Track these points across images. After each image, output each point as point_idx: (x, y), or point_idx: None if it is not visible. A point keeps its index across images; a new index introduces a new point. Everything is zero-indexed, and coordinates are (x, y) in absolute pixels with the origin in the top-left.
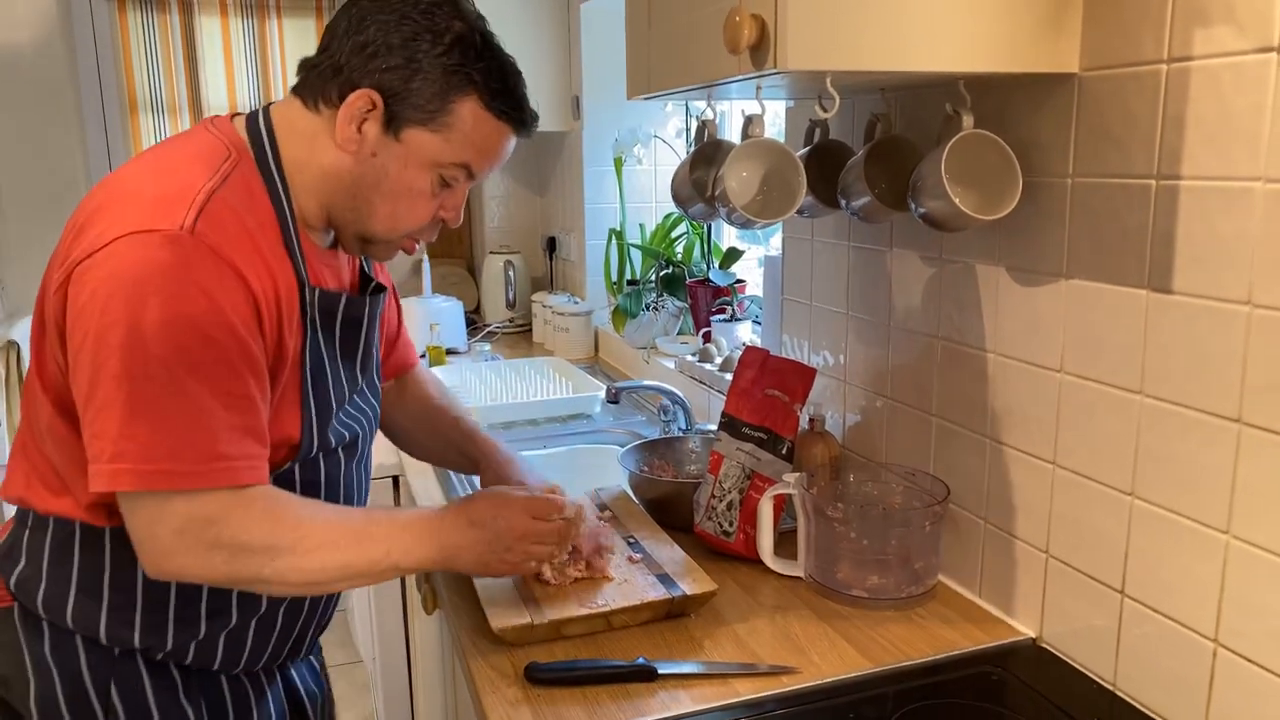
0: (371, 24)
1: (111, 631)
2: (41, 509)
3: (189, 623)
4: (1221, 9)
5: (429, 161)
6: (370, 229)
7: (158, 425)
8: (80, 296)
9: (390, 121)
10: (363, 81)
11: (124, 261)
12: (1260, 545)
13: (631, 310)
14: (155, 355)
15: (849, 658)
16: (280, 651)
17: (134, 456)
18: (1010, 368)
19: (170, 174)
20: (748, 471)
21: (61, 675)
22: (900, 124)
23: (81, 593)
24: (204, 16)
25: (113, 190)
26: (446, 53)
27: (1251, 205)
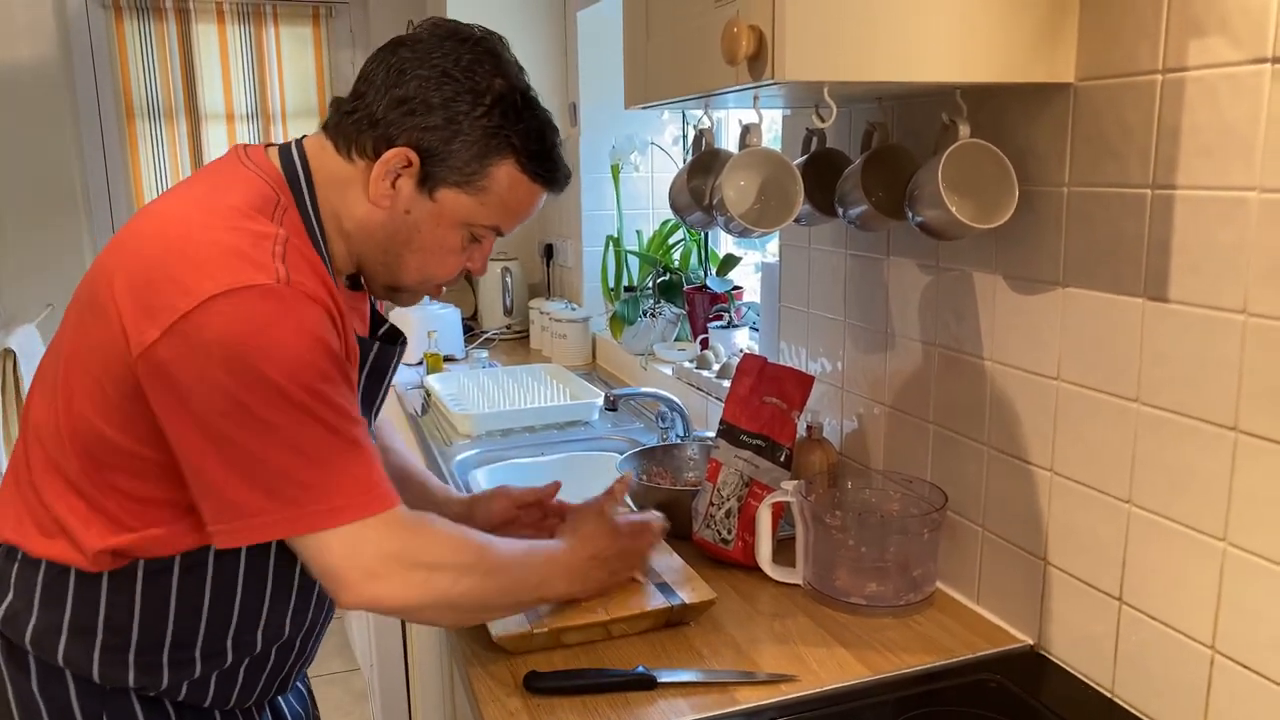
0: (412, 79)
1: (104, 671)
2: (35, 553)
3: (183, 664)
4: (1216, 20)
5: (461, 221)
6: (400, 280)
7: (323, 465)
8: (183, 361)
9: (425, 180)
10: (399, 138)
11: (233, 320)
12: (1257, 552)
13: (629, 317)
14: (296, 404)
15: (848, 665)
16: (270, 688)
17: (327, 493)
18: (1007, 375)
19: (237, 220)
20: (746, 479)
21: (50, 712)
22: (897, 133)
23: (74, 632)
24: (201, 24)
25: (176, 240)
26: (487, 114)
27: (1247, 215)
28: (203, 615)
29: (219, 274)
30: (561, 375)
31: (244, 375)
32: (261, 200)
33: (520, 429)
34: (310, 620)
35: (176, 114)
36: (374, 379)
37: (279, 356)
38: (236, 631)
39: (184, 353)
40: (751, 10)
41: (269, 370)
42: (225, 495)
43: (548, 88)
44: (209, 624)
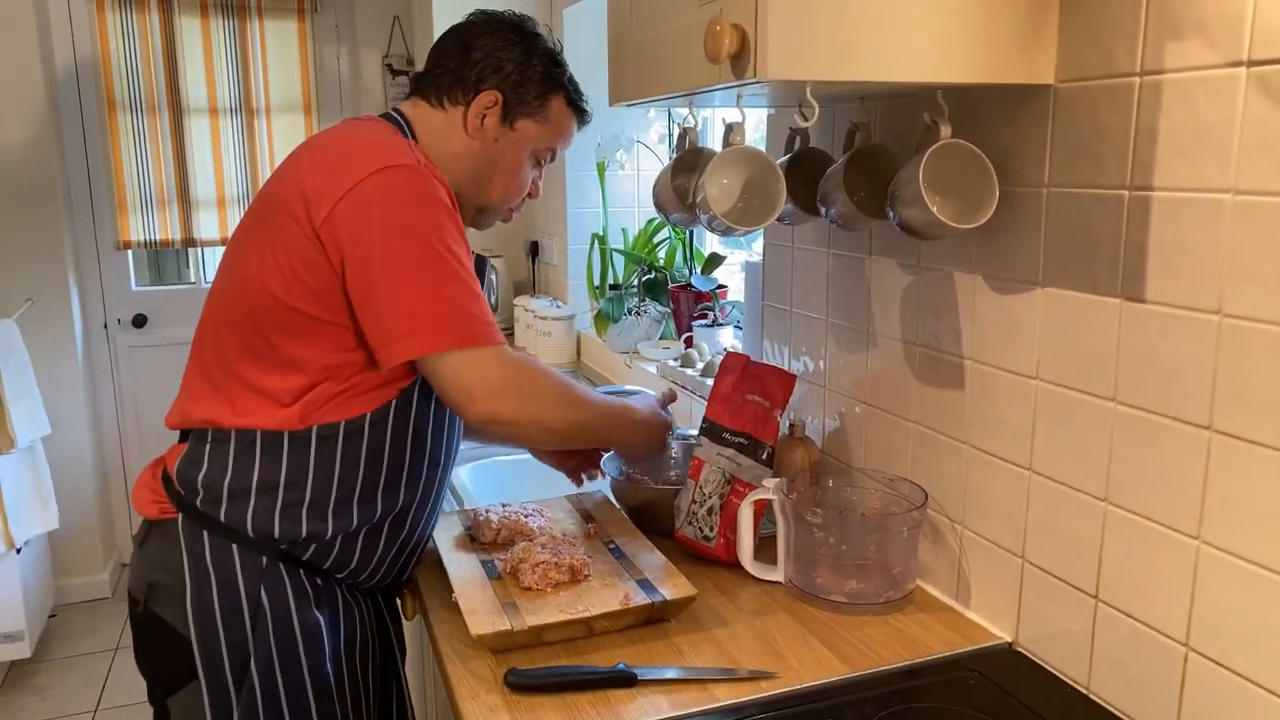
0: (480, 47)
1: (284, 527)
2: (228, 424)
3: (343, 515)
4: (1193, 24)
5: (531, 145)
6: (489, 200)
7: (459, 300)
8: (353, 222)
9: (507, 114)
10: (485, 85)
11: (391, 185)
12: (1229, 550)
13: (614, 315)
14: (438, 249)
15: (827, 662)
16: (396, 563)
17: (462, 321)
18: (987, 374)
19: (377, 135)
20: (728, 477)
21: (219, 581)
22: (879, 133)
23: (260, 491)
24: (184, 17)
25: (343, 147)
26: (541, 64)
27: (1221, 216)
28: (360, 469)
29: (378, 158)
30: None
31: (397, 224)
32: (389, 130)
33: None
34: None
35: (159, 108)
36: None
37: (423, 214)
38: (384, 487)
39: (354, 211)
40: (734, 9)
41: (416, 221)
42: (388, 320)
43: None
44: (364, 477)
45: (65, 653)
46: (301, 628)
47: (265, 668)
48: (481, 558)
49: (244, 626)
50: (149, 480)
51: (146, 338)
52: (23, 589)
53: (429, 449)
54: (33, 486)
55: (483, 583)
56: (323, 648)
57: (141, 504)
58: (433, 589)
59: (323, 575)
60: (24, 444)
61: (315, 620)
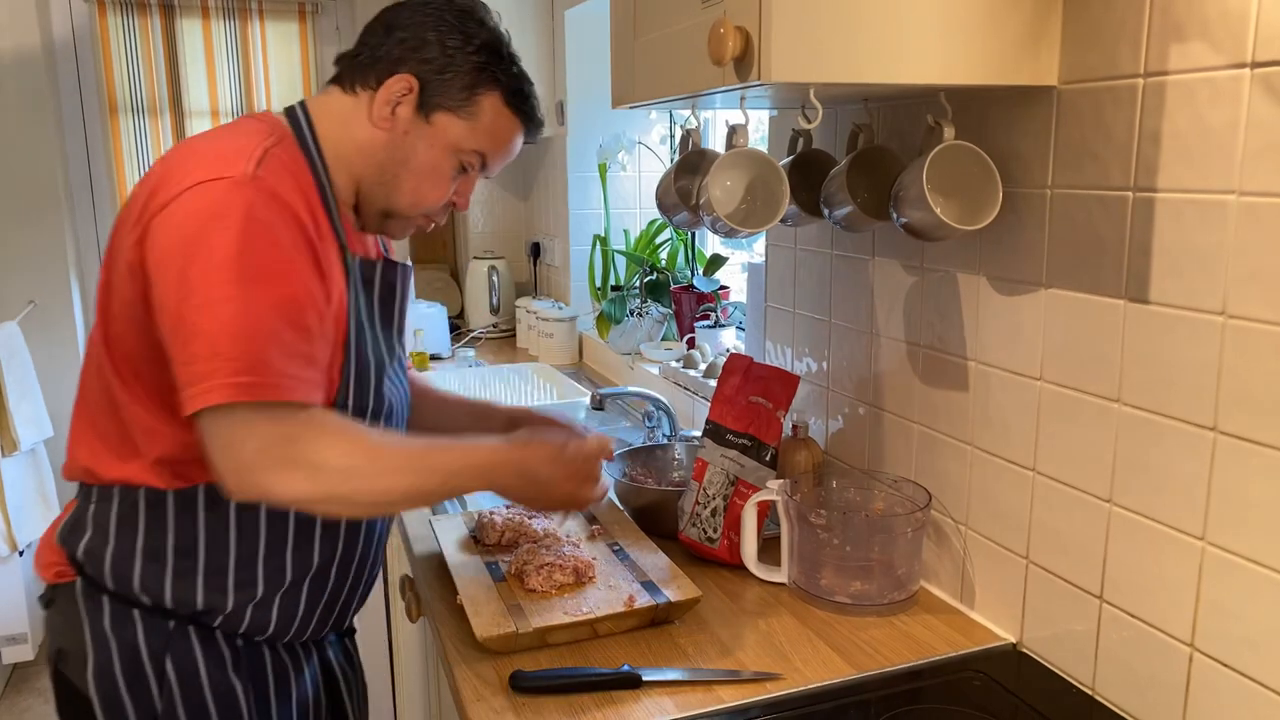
0: (410, 24)
1: (176, 594)
2: (107, 478)
3: (247, 584)
4: (1197, 25)
5: (452, 145)
6: (395, 203)
7: (238, 343)
8: (159, 243)
9: (422, 105)
10: (400, 68)
11: (197, 204)
12: (1234, 551)
13: (616, 316)
14: (230, 282)
15: (832, 664)
16: (327, 619)
17: (222, 373)
18: (991, 376)
19: (227, 140)
20: (732, 478)
21: (120, 648)
22: (882, 134)
23: (147, 558)
24: (185, 19)
25: (175, 161)
26: (476, 53)
27: (1226, 218)
28: (260, 533)
29: (195, 173)
30: (548, 374)
31: (193, 250)
32: (257, 133)
33: None
34: (366, 535)
35: (160, 110)
36: (386, 296)
37: (226, 236)
38: (293, 548)
39: (159, 233)
40: (738, 11)
41: (214, 246)
42: (177, 367)
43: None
44: (268, 540)
45: None
46: (215, 696)
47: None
48: (486, 560)
49: (151, 697)
50: (49, 539)
51: None
52: (26, 591)
53: None
54: (35, 488)
55: (487, 585)
56: (241, 715)
57: (40, 566)
58: (437, 591)
59: (243, 638)
60: (27, 446)
61: (230, 686)
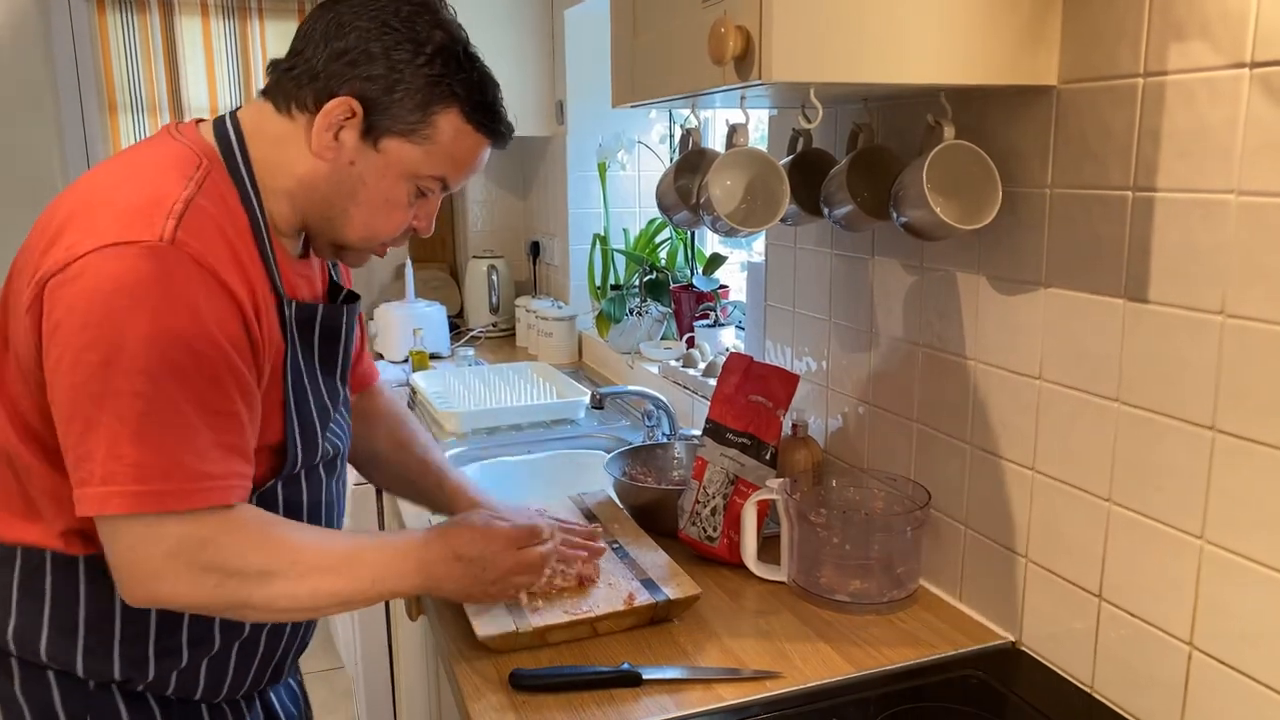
0: (351, 31)
1: (89, 665)
2: (9, 539)
3: (170, 653)
4: (1196, 25)
5: (407, 172)
6: (345, 237)
7: (145, 445)
8: (55, 313)
9: (369, 131)
10: (341, 89)
11: (101, 276)
12: (1233, 550)
13: (615, 315)
14: (139, 371)
15: (832, 662)
16: (261, 677)
17: (124, 478)
18: (990, 375)
19: (143, 181)
20: (731, 477)
21: (33, 713)
22: (882, 134)
23: (55, 628)
24: (184, 17)
25: (81, 199)
26: (429, 63)
27: (1225, 217)
28: None
29: (104, 230)
30: (548, 373)
31: (96, 331)
32: (180, 161)
33: (507, 427)
34: None
35: (159, 108)
36: (328, 340)
37: (137, 317)
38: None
39: (60, 303)
40: (739, 10)
41: (123, 329)
42: (66, 453)
43: (534, 86)
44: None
45: None
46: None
47: None
48: None
49: None
50: None
51: None
52: None
53: None
54: None
55: None
56: None
57: None
58: None
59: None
60: None
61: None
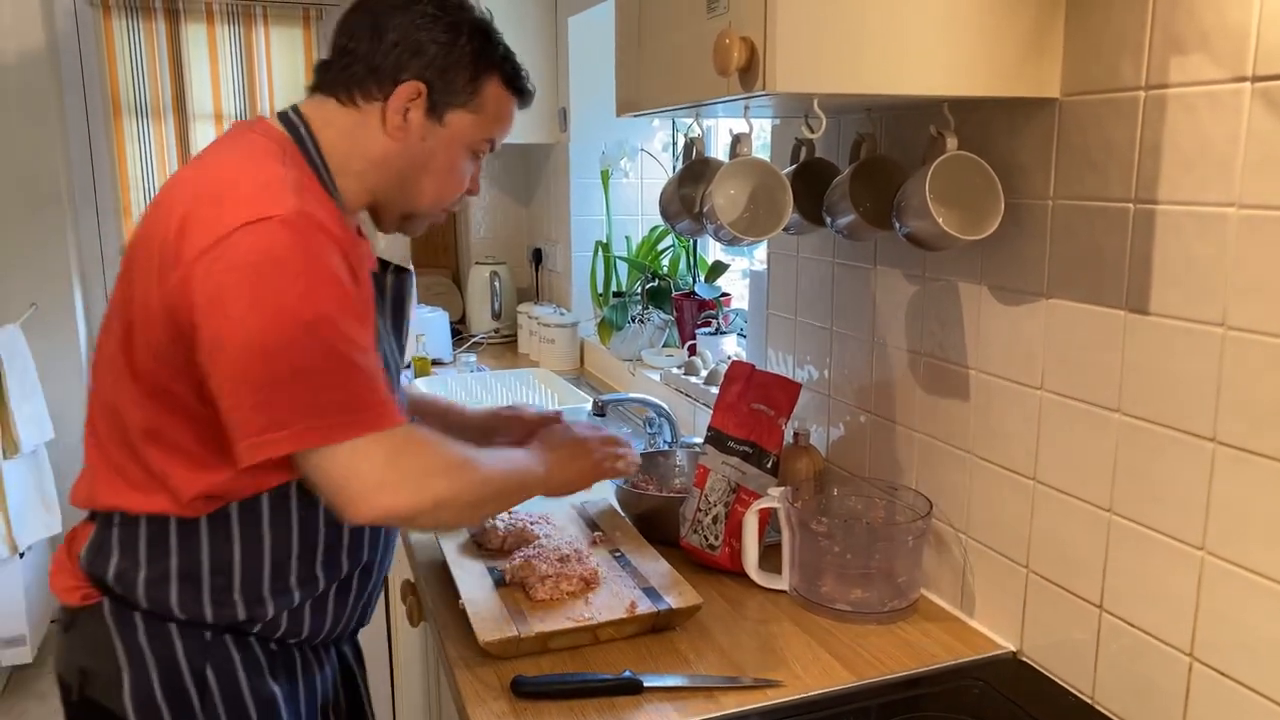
0: (394, 27)
1: (217, 610)
2: (133, 509)
3: (283, 592)
4: (1197, 39)
5: (466, 139)
6: (417, 206)
7: (332, 383)
8: (208, 288)
9: (433, 108)
10: (403, 75)
11: (250, 248)
12: (1234, 561)
13: (617, 322)
14: (302, 325)
15: (832, 671)
16: (352, 619)
17: (329, 411)
18: (992, 385)
19: (251, 166)
20: (733, 485)
21: (157, 663)
22: (885, 144)
23: (182, 579)
24: (190, 23)
25: (195, 190)
26: (469, 41)
27: (1226, 230)
28: (292, 545)
29: (238, 211)
30: (550, 380)
31: (263, 296)
32: (271, 154)
33: None
34: (385, 541)
35: (164, 113)
36: (397, 308)
37: (295, 281)
38: (324, 561)
39: (212, 279)
40: (743, 22)
41: (281, 291)
42: (242, 411)
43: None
44: (300, 553)
45: None
46: (256, 702)
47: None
48: (488, 565)
49: (191, 708)
50: (65, 562)
51: None
52: (25, 594)
53: None
54: (36, 491)
55: (489, 590)
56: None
57: (60, 589)
58: (439, 595)
59: (277, 641)
60: (28, 448)
61: (271, 693)
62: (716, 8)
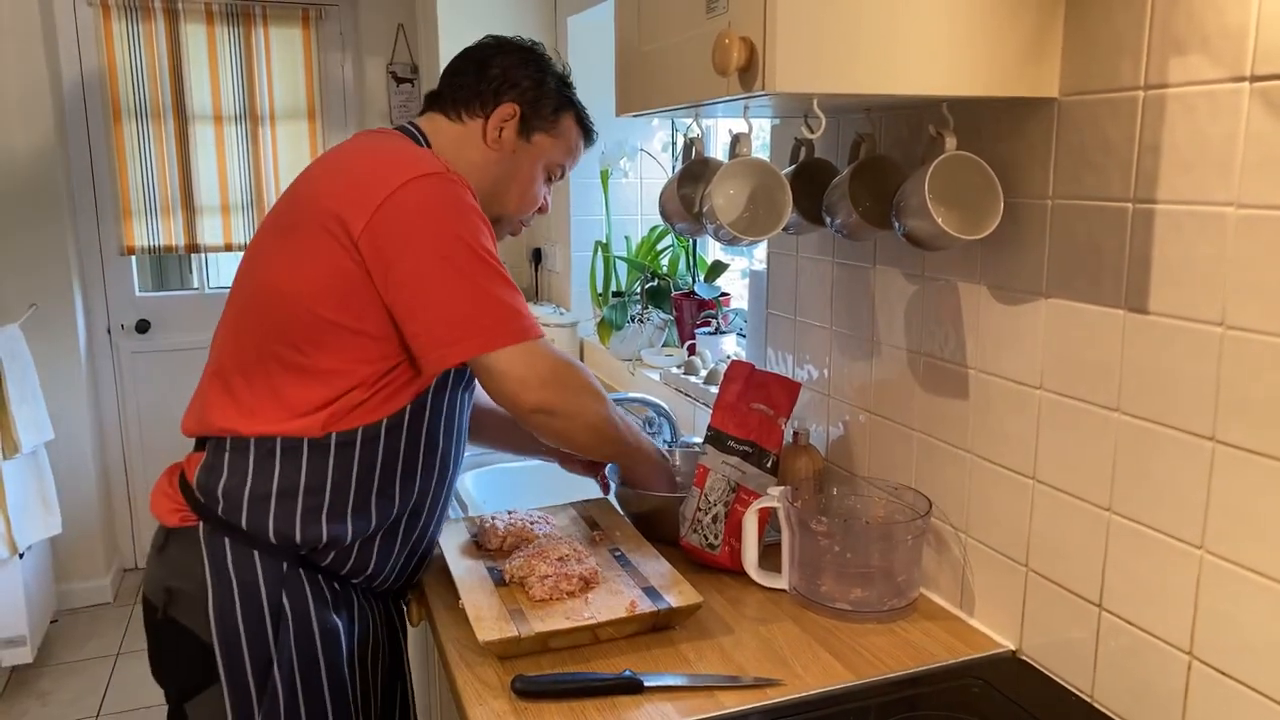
0: (500, 64)
1: (305, 531)
2: (246, 432)
3: (362, 517)
4: (1196, 39)
5: (545, 159)
6: (504, 210)
7: (505, 296)
8: (397, 229)
9: (524, 129)
10: (504, 98)
11: (426, 193)
12: (1233, 560)
13: (617, 322)
14: (477, 256)
15: (832, 670)
16: (409, 565)
17: (511, 320)
18: (991, 384)
19: (398, 148)
20: (733, 485)
21: (240, 586)
22: (884, 144)
23: (281, 496)
24: (189, 24)
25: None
26: (555, 82)
27: (1225, 229)
28: (376, 469)
29: (408, 168)
30: None
31: (440, 232)
32: (405, 140)
33: None
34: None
35: (164, 114)
36: None
37: (462, 220)
38: (400, 488)
39: (394, 220)
40: (743, 22)
41: (457, 228)
42: (439, 326)
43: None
44: (380, 478)
45: (67, 658)
46: (321, 632)
47: (287, 671)
48: (488, 564)
49: (266, 631)
50: (166, 488)
51: (149, 343)
52: (25, 594)
53: (440, 449)
54: (36, 491)
55: (489, 589)
56: (340, 651)
57: (161, 512)
58: (439, 595)
59: (340, 580)
60: (28, 449)
61: (334, 624)
62: (716, 8)
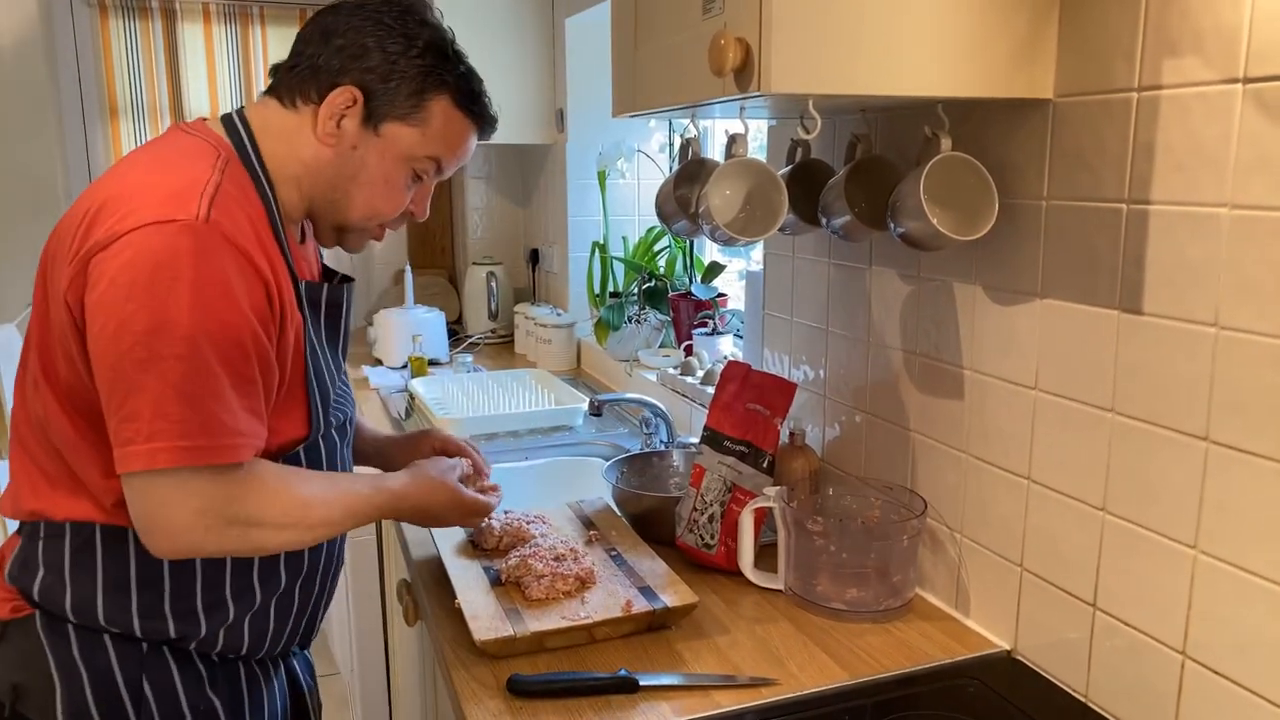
0: (347, 30)
1: (146, 625)
2: (59, 516)
3: (217, 607)
4: (1190, 41)
5: (404, 154)
6: (348, 218)
7: (188, 404)
8: (99, 286)
9: (370, 116)
10: (342, 79)
11: (144, 250)
12: (1226, 560)
13: (614, 323)
14: (181, 339)
15: (828, 670)
16: (296, 633)
17: (170, 434)
18: (986, 384)
19: (174, 169)
20: (729, 485)
21: (91, 676)
22: (880, 144)
23: (110, 593)
24: (186, 24)
25: (116, 187)
26: (420, 55)
27: (1218, 230)
28: (226, 561)
29: (143, 211)
30: (546, 380)
31: (141, 301)
32: (201, 152)
33: (504, 433)
34: (327, 551)
35: (161, 114)
36: (332, 316)
37: (177, 288)
38: (260, 576)
39: (95, 280)
40: (739, 23)
41: (165, 300)
42: (109, 418)
43: (535, 94)
44: (233, 566)
45: None
46: (194, 714)
47: None
48: (484, 564)
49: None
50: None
51: None
52: None
53: None
54: None
55: (485, 589)
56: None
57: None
58: (435, 595)
59: (217, 655)
60: None
61: (210, 704)
62: (712, 9)
